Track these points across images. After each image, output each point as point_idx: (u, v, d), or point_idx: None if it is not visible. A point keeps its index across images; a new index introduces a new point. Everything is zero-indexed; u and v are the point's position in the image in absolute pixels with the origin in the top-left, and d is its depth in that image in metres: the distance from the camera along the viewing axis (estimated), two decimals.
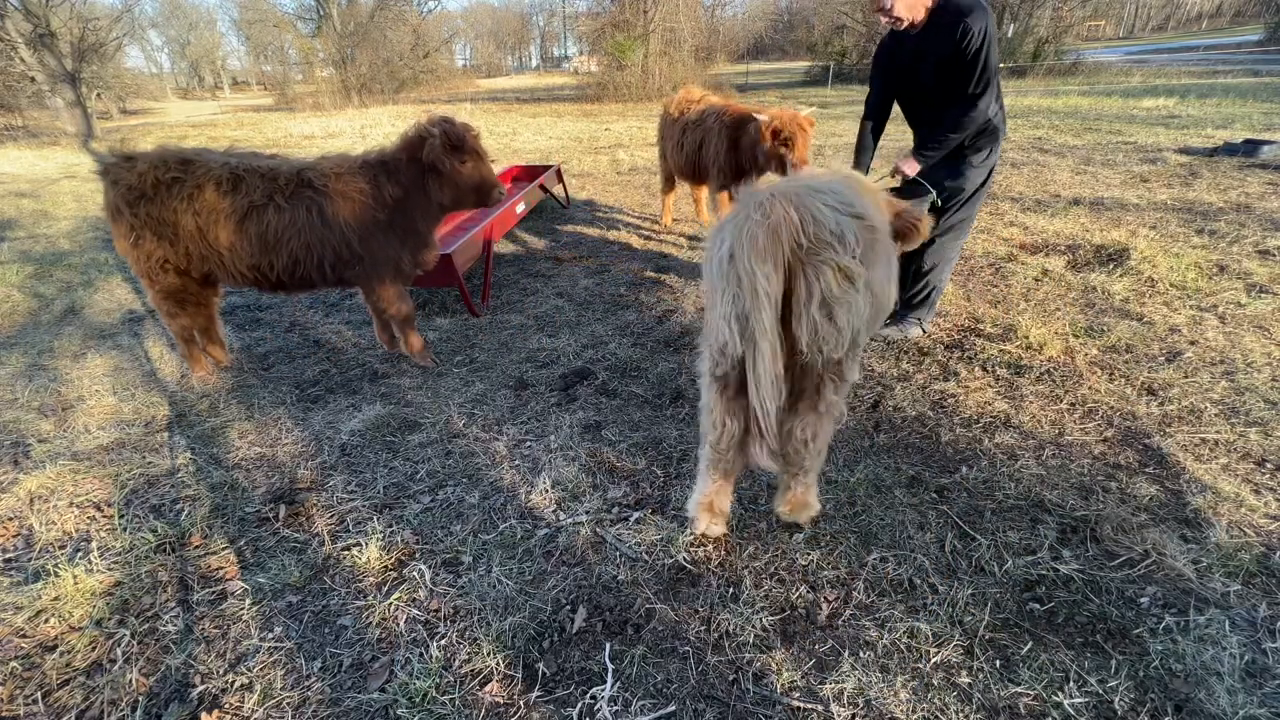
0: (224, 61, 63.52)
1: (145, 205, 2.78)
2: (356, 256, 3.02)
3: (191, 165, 2.81)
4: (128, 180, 2.77)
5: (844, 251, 1.52)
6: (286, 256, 2.91)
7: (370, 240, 3.02)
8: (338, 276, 3.09)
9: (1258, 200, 5.46)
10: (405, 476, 2.51)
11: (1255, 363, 3.01)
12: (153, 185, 2.76)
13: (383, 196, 3.00)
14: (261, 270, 2.94)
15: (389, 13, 28.95)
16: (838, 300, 1.54)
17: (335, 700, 1.63)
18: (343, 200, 2.93)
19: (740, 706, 1.59)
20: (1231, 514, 2.12)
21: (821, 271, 1.51)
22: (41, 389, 3.28)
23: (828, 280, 1.52)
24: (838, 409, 1.84)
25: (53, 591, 1.96)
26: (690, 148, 4.77)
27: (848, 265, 1.52)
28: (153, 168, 2.77)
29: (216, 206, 2.80)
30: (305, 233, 2.89)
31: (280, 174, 2.88)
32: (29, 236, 6.35)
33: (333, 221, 2.92)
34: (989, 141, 3.00)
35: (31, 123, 16.91)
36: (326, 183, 2.92)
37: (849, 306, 1.56)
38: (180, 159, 2.82)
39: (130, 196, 2.77)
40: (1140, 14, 57.20)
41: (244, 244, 2.86)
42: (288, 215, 2.85)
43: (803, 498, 2.05)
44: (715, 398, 1.84)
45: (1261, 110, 10.29)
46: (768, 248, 1.49)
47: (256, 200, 2.82)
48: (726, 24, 40.22)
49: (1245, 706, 1.52)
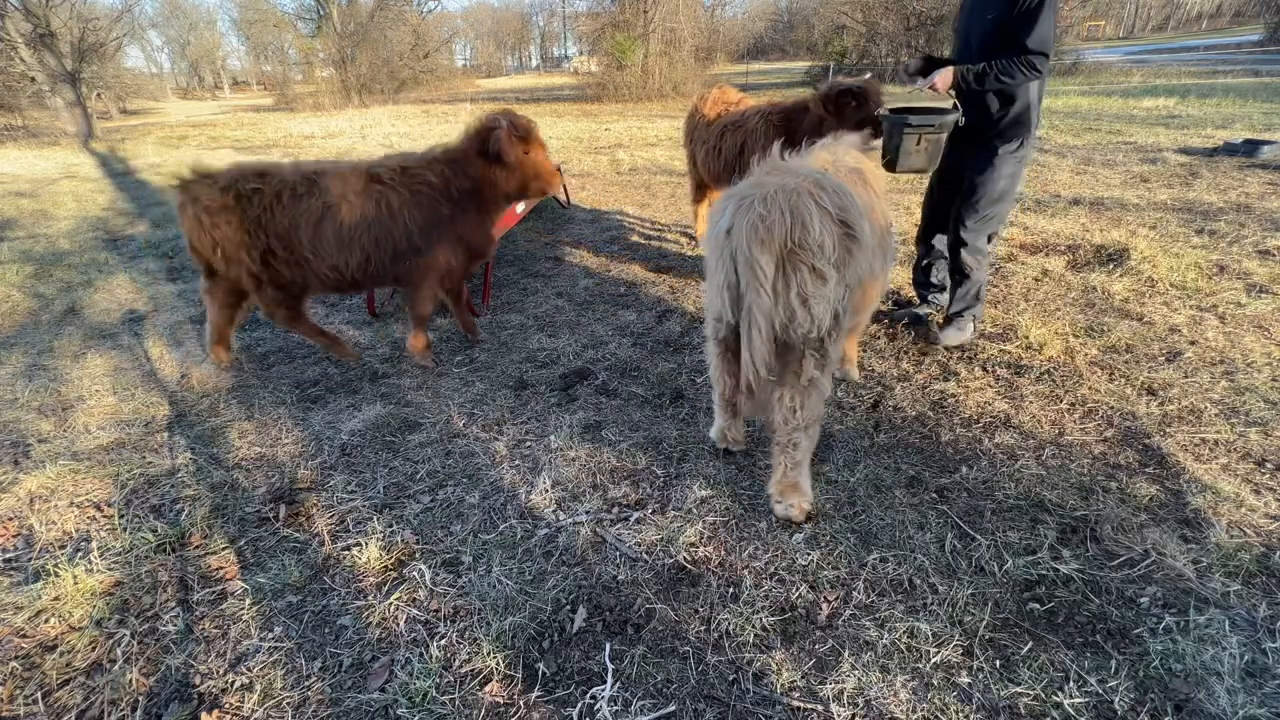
0: (224, 61, 63.51)
1: (227, 216, 2.87)
2: (415, 248, 3.11)
3: (267, 176, 2.92)
4: (209, 195, 2.86)
5: (820, 257, 1.79)
6: (360, 252, 3.01)
7: (431, 233, 3.11)
8: (395, 271, 3.18)
9: (1258, 200, 5.46)
10: (405, 476, 2.51)
11: (1255, 363, 3.01)
12: (235, 198, 2.86)
13: (449, 190, 3.10)
14: (340, 269, 3.03)
15: (389, 13, 28.92)
16: (811, 294, 1.83)
17: (335, 700, 1.63)
18: (409, 194, 3.04)
19: (740, 706, 1.59)
20: (1231, 514, 2.12)
21: (799, 269, 1.80)
22: (41, 389, 3.28)
23: (803, 277, 1.80)
24: (822, 385, 2.05)
25: (53, 591, 1.96)
26: (730, 151, 4.36)
27: (821, 268, 1.80)
28: (234, 181, 2.87)
29: (295, 211, 2.91)
30: (375, 227, 2.99)
31: (350, 173, 3.00)
32: (29, 236, 6.34)
33: (398, 215, 3.02)
34: (1021, 133, 2.92)
35: (31, 123, 16.89)
36: (394, 177, 3.02)
37: (822, 299, 1.84)
38: (257, 171, 2.93)
39: (213, 210, 2.86)
40: (1140, 14, 57.19)
41: (323, 244, 2.95)
42: (359, 211, 2.96)
43: (793, 480, 2.14)
44: (716, 359, 2.21)
45: (1261, 110, 10.29)
46: (766, 241, 1.75)
47: (330, 200, 2.93)
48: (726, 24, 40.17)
49: (1245, 706, 1.52)
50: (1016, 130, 2.92)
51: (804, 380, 2.01)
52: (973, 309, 3.33)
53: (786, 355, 1.98)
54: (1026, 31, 2.66)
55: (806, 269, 1.79)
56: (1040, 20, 2.63)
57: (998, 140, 2.95)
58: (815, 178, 1.88)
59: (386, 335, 3.83)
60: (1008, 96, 2.87)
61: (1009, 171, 2.99)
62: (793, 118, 3.97)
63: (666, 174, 8.17)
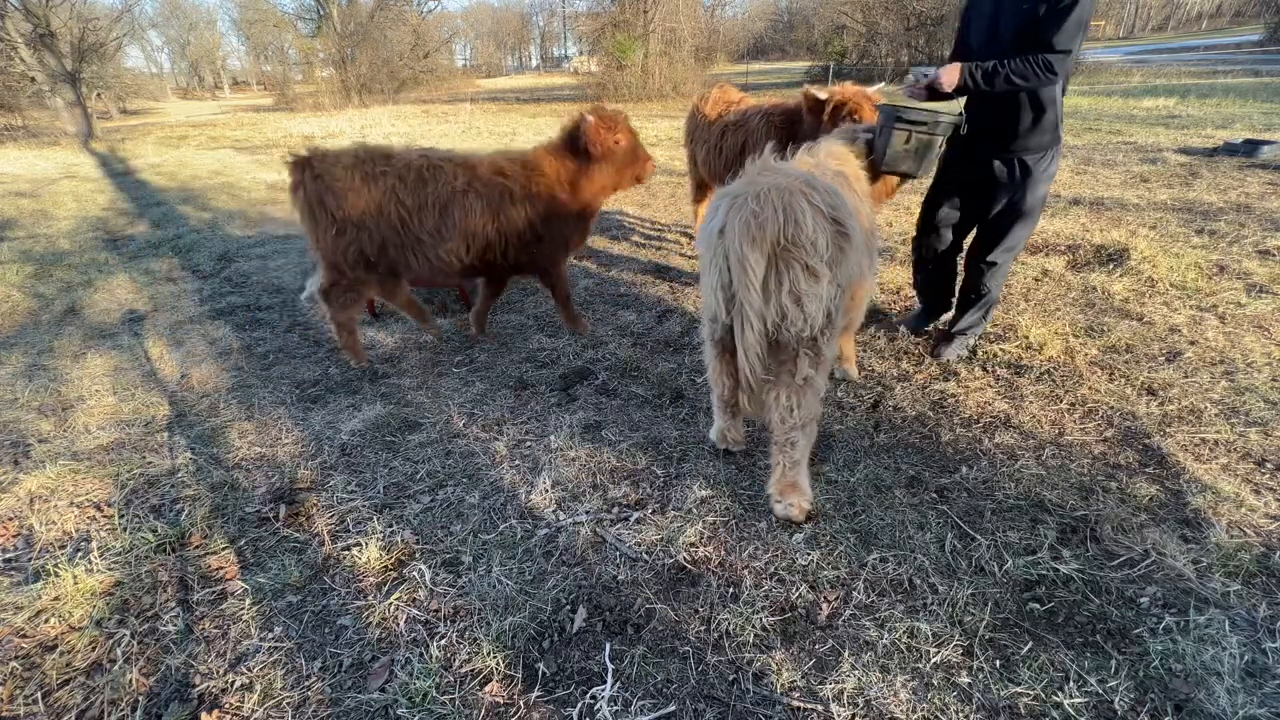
0: (224, 61, 63.48)
1: (351, 198, 2.91)
2: (538, 237, 3.26)
3: (393, 159, 2.98)
4: (333, 173, 2.90)
5: (813, 254, 1.80)
6: (482, 240, 3.13)
7: (551, 222, 3.27)
8: (517, 258, 3.30)
9: (1258, 200, 5.46)
10: (405, 476, 2.51)
11: (1255, 363, 3.01)
12: (361, 180, 2.91)
13: (561, 182, 3.27)
14: (457, 254, 3.12)
15: (389, 13, 28.92)
16: (804, 292, 1.83)
17: (335, 700, 1.63)
18: (530, 186, 3.18)
19: (740, 706, 1.59)
20: (1231, 514, 2.12)
21: (792, 266, 1.81)
22: (41, 389, 3.28)
23: (796, 275, 1.82)
24: (818, 384, 2.05)
25: (53, 591, 1.96)
26: (731, 151, 4.36)
27: (814, 266, 1.82)
28: (359, 163, 2.92)
29: (420, 195, 2.97)
30: (500, 217, 3.12)
31: (476, 164, 3.12)
32: (29, 236, 6.34)
33: (521, 205, 3.16)
34: (1053, 144, 2.71)
35: (31, 123, 16.88)
36: (515, 170, 3.16)
37: (815, 297, 1.85)
38: (383, 154, 2.99)
39: (336, 189, 2.90)
40: (1140, 14, 57.18)
41: (445, 229, 3.04)
42: (484, 201, 3.08)
43: (792, 479, 2.14)
44: (713, 360, 2.22)
45: (1261, 110, 10.29)
46: (757, 238, 1.76)
47: (459, 188, 3.02)
48: (726, 24, 40.20)
49: (1245, 706, 1.52)
50: (1048, 141, 2.70)
51: (799, 379, 2.01)
52: (979, 327, 3.26)
53: (781, 354, 1.99)
54: (1055, 27, 2.41)
55: (800, 266, 1.80)
56: (1073, 14, 2.38)
57: (1028, 154, 2.72)
58: (807, 177, 1.89)
59: (387, 335, 3.83)
60: (1039, 103, 2.61)
61: (1044, 191, 2.80)
62: (795, 119, 3.96)
63: (666, 174, 8.16)
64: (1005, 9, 2.55)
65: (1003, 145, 2.75)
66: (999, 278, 3.06)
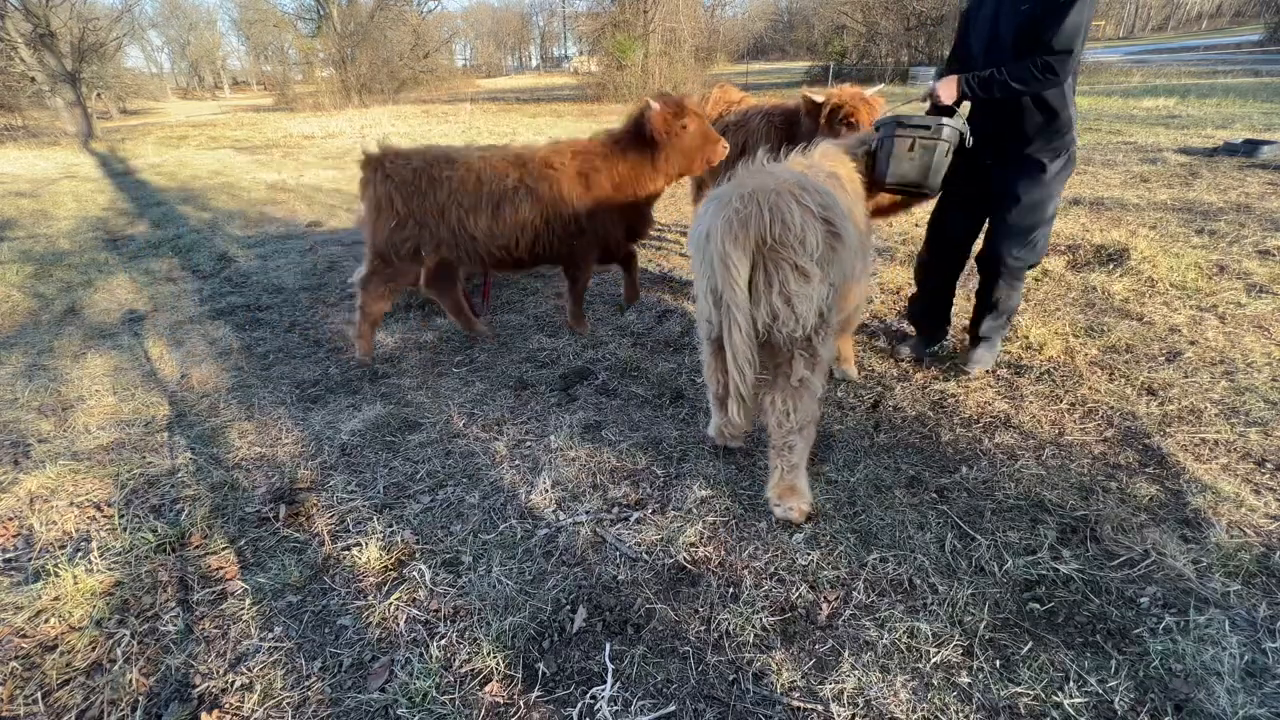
0: (224, 61, 63.47)
1: (418, 198, 3.04)
2: (579, 230, 3.29)
3: (455, 161, 3.10)
4: (403, 174, 3.04)
5: (803, 253, 1.78)
6: (531, 232, 3.19)
7: (594, 215, 3.29)
8: (560, 249, 3.34)
9: (1258, 200, 5.46)
10: (405, 476, 2.51)
11: (1255, 363, 3.01)
12: (427, 180, 3.04)
13: (612, 173, 3.29)
14: (509, 248, 3.19)
15: (389, 13, 28.92)
16: (795, 292, 1.81)
17: (335, 700, 1.63)
18: (578, 177, 3.23)
19: (740, 706, 1.59)
20: (1231, 514, 2.12)
21: (781, 267, 1.79)
22: (41, 389, 3.28)
23: (786, 275, 1.79)
24: (814, 385, 2.04)
25: (53, 591, 1.96)
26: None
27: (804, 265, 1.79)
28: (427, 164, 3.06)
29: (478, 194, 3.08)
30: (547, 209, 3.17)
31: (527, 159, 3.19)
32: (29, 236, 6.34)
33: (567, 197, 3.20)
34: (1066, 145, 2.59)
35: (31, 123, 16.88)
36: (564, 162, 3.21)
37: (805, 297, 1.82)
38: (446, 156, 3.12)
39: (405, 189, 3.03)
40: (1140, 14, 57.17)
41: (499, 225, 3.12)
42: (534, 195, 3.14)
43: (790, 482, 2.14)
44: (708, 358, 2.21)
45: (1261, 110, 10.29)
46: (739, 237, 1.75)
47: (510, 184, 3.11)
48: (726, 24, 40.23)
49: (1245, 706, 1.52)
50: (1062, 143, 2.59)
51: (794, 380, 2.00)
52: (1004, 330, 3.09)
53: (776, 357, 1.98)
54: (1053, 26, 2.33)
55: (789, 266, 1.78)
56: (1071, 13, 2.30)
57: (1041, 155, 2.60)
58: (798, 178, 1.88)
59: (387, 335, 3.83)
60: (1046, 105, 2.52)
61: (1058, 190, 2.67)
62: (795, 119, 3.96)
63: None
64: (1005, 11, 2.50)
65: (1012, 148, 2.65)
66: (1016, 283, 2.88)
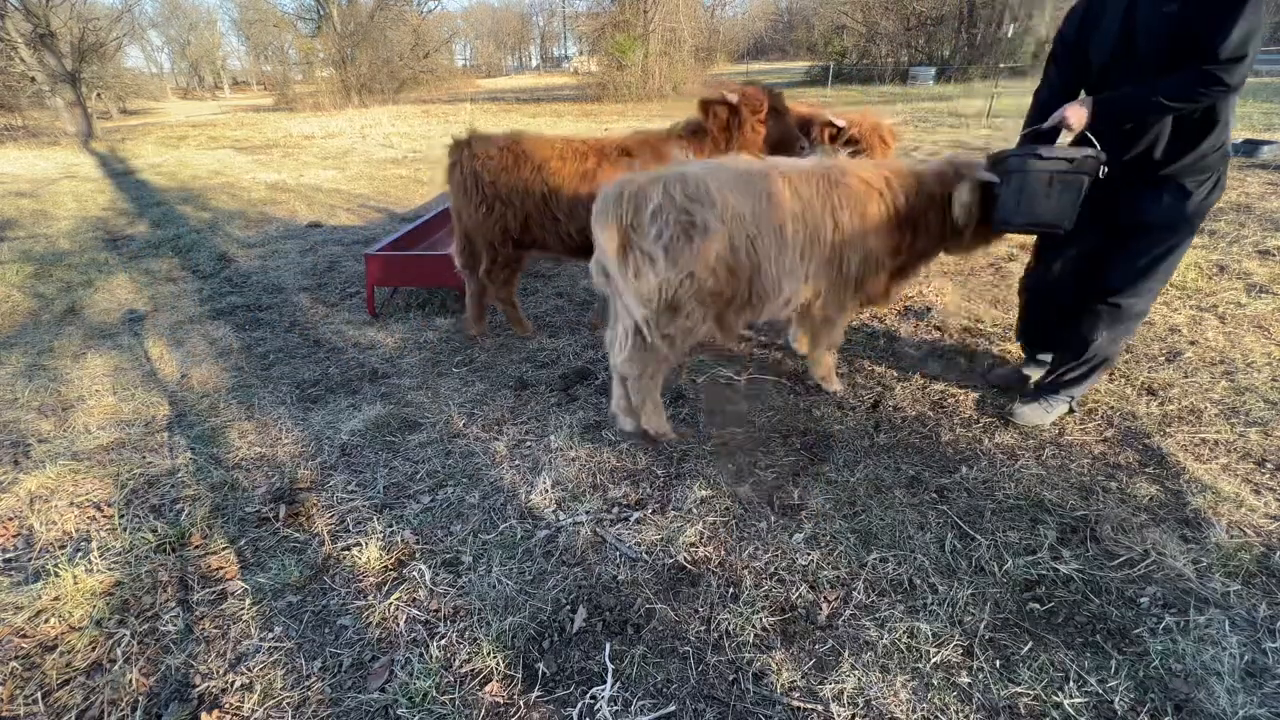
0: (224, 61, 63.41)
1: (505, 178, 3.11)
2: None
3: (538, 143, 3.16)
4: (489, 155, 3.10)
5: (644, 239, 2.13)
6: None
7: None
8: None
9: (1258, 200, 5.46)
10: (405, 476, 2.51)
11: (1255, 363, 3.01)
12: (513, 161, 3.10)
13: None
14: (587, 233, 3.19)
15: (389, 13, 28.91)
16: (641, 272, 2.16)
17: (335, 700, 1.63)
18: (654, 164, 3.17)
19: (740, 706, 1.59)
20: (1231, 514, 2.12)
21: (636, 245, 2.15)
22: (41, 389, 3.28)
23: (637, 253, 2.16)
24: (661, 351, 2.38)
25: (53, 591, 1.96)
26: None
27: (649, 249, 2.14)
28: (511, 144, 3.12)
29: (561, 176, 3.13)
30: None
31: (606, 145, 3.23)
32: (29, 236, 6.34)
33: None
34: (1215, 165, 2.12)
35: (31, 123, 16.86)
36: (643, 150, 3.23)
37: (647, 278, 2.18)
38: (530, 138, 3.18)
39: (492, 170, 3.10)
40: None
41: (577, 209, 3.13)
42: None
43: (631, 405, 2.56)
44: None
45: (1261, 110, 10.29)
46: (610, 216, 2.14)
47: (589, 169, 3.14)
48: (726, 24, 40.25)
49: (1245, 706, 1.52)
50: (1212, 162, 2.12)
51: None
52: (1078, 388, 2.59)
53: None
54: (1218, 29, 1.83)
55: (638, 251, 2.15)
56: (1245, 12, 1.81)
57: (1184, 177, 2.13)
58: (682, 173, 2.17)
59: (387, 335, 3.83)
60: (1204, 117, 2.05)
61: (1198, 223, 2.22)
62: (803, 131, 3.97)
63: None
64: (1142, 14, 2.02)
65: (1151, 172, 2.18)
66: (1121, 329, 2.41)
